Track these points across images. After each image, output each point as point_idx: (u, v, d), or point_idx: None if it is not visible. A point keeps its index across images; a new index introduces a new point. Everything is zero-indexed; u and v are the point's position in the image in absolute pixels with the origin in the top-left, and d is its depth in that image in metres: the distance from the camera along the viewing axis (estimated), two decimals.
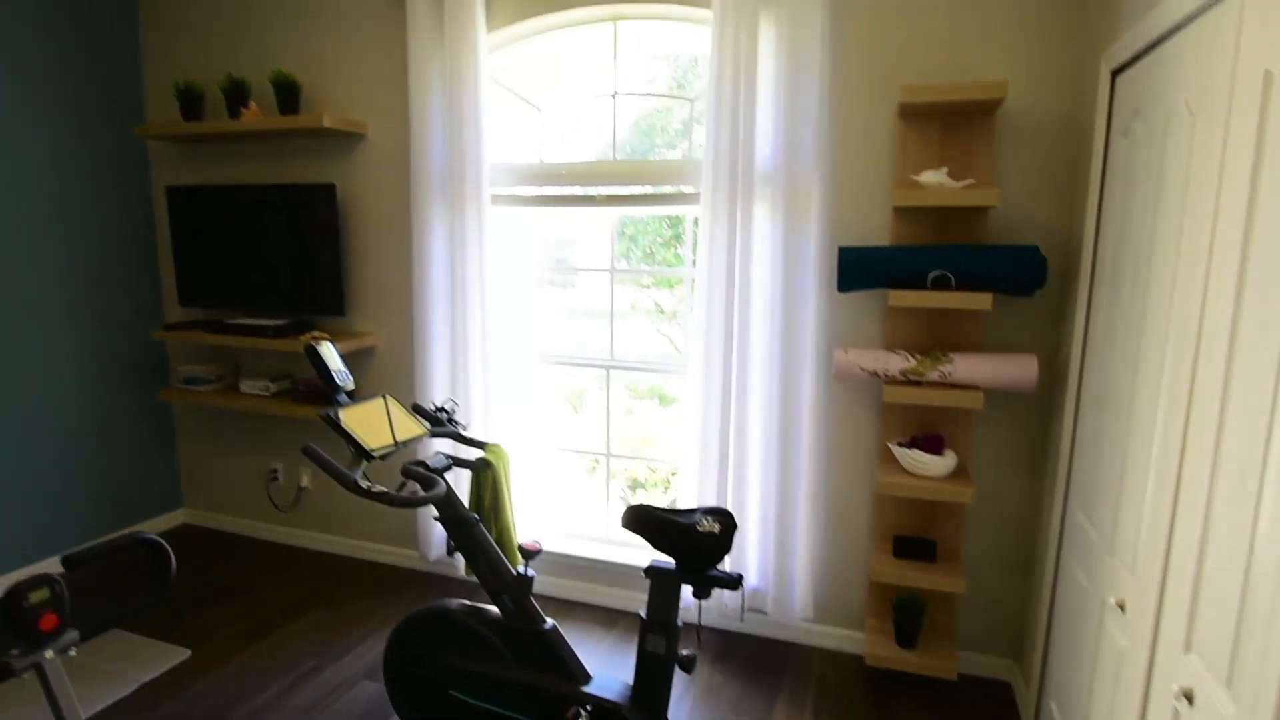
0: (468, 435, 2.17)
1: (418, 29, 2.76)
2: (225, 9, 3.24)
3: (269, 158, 3.25)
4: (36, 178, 3.05)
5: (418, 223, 2.86)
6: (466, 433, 2.78)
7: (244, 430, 3.57)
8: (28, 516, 3.12)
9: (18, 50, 2.96)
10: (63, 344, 3.20)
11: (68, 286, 3.20)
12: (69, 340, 3.22)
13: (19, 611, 1.21)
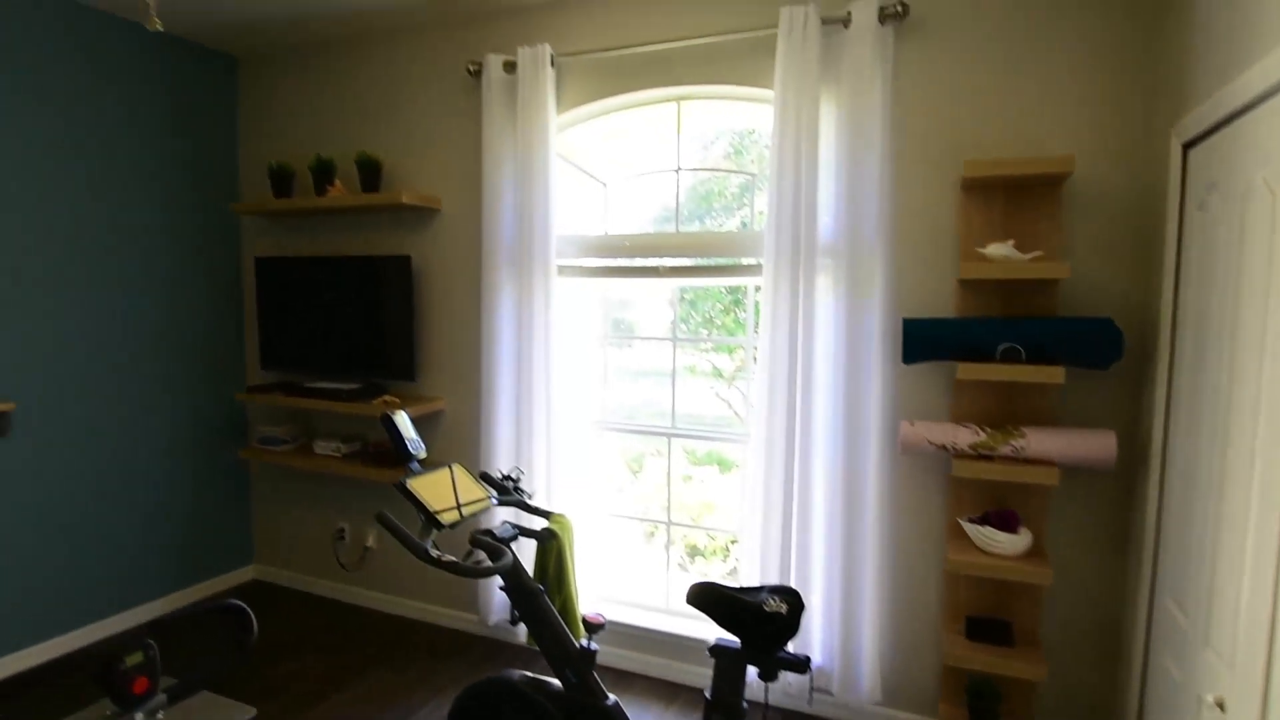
0: (533, 504, 2.21)
1: (492, 112, 2.92)
2: (316, 96, 3.49)
3: (350, 231, 3.45)
4: (142, 247, 3.30)
5: (487, 293, 2.97)
6: (532, 501, 2.82)
7: (315, 490, 3.69)
8: (114, 565, 3.27)
9: (137, 135, 3.25)
10: (156, 402, 3.39)
11: (163, 348, 3.41)
12: (162, 398, 3.42)
13: (116, 675, 1.27)
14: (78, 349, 3.09)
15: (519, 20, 2.99)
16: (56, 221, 3.00)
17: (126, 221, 3.24)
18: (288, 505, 3.79)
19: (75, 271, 3.07)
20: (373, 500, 3.53)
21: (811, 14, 2.42)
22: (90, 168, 3.10)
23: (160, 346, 3.40)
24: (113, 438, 3.24)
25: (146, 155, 3.31)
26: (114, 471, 3.25)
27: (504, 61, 2.91)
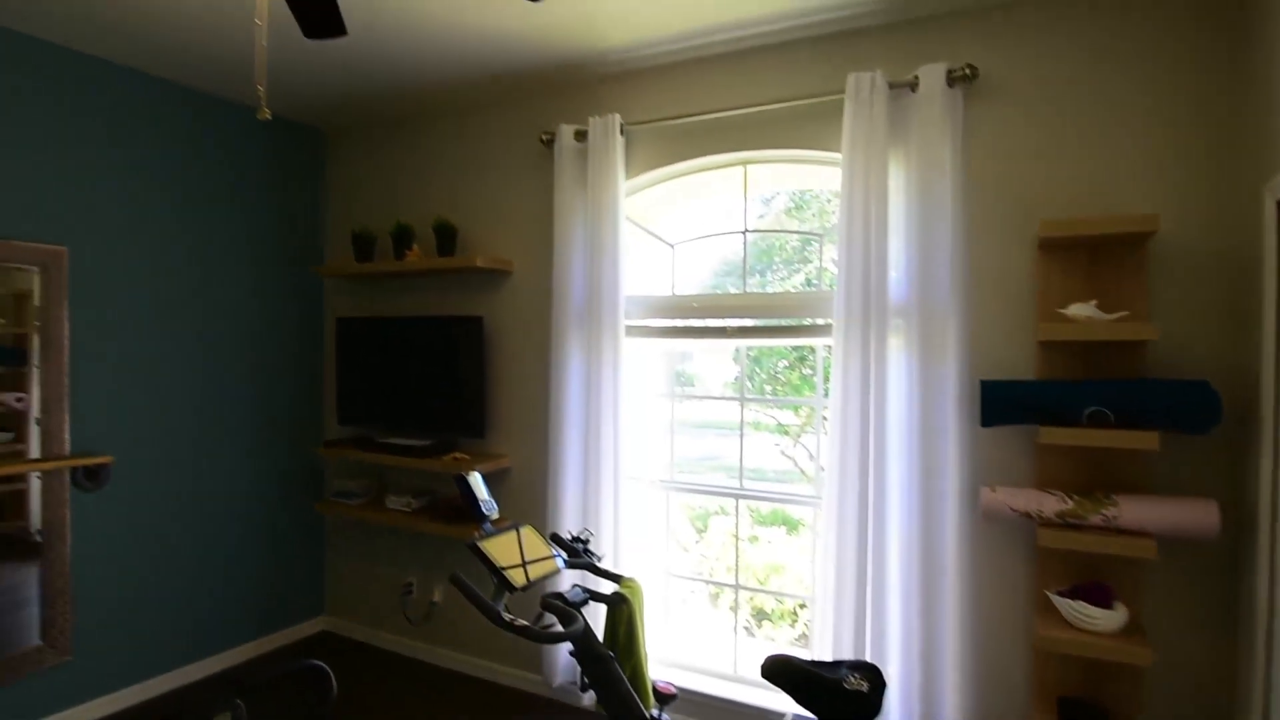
0: (603, 567, 2.20)
1: (563, 178, 3.03)
2: (396, 166, 3.69)
3: (427, 292, 3.58)
4: (232, 309, 3.50)
5: (556, 352, 3.03)
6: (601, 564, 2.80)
7: (385, 543, 3.76)
8: (195, 614, 3.38)
9: (231, 203, 3.48)
10: (240, 455, 3.55)
11: (249, 404, 3.58)
12: (246, 452, 3.57)
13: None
14: (172, 404, 3.27)
15: (590, 92, 3.12)
16: (157, 285, 3.22)
17: (219, 284, 3.45)
18: (359, 558, 3.87)
19: (171, 332, 3.27)
20: (441, 555, 3.57)
21: (878, 79, 2.45)
22: (189, 235, 3.33)
23: (246, 402, 3.57)
24: (199, 489, 3.38)
25: (239, 222, 3.53)
26: (198, 522, 3.39)
27: (575, 131, 3.03)
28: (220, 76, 3.19)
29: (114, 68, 3.05)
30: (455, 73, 3.10)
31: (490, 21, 2.63)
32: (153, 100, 3.18)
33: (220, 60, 3.00)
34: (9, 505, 2.83)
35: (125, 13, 2.59)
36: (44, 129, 2.84)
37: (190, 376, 3.34)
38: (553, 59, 2.94)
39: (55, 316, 2.88)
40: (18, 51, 2.76)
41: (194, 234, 3.34)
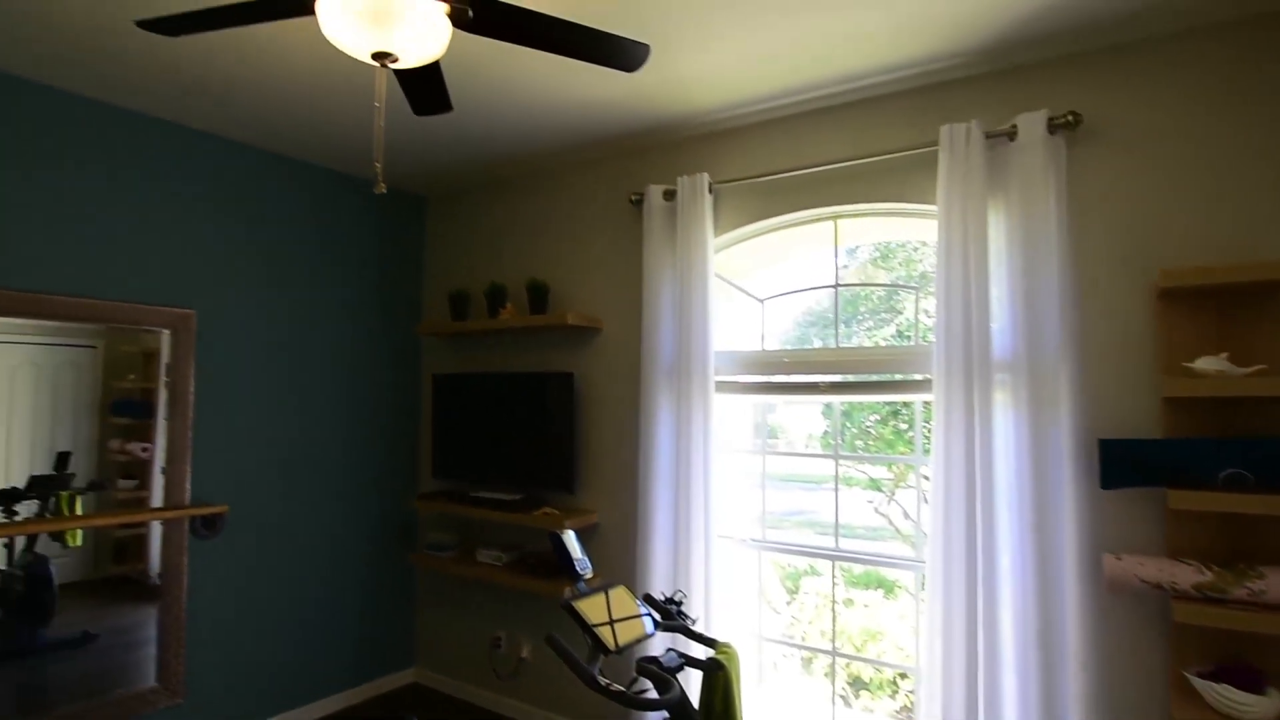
0: (697, 631, 2.14)
1: (652, 237, 3.08)
2: (492, 228, 3.85)
3: (519, 349, 3.68)
4: (335, 366, 3.69)
5: (645, 408, 3.04)
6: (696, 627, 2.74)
7: (475, 597, 3.80)
8: (297, 660, 3.49)
9: (337, 266, 3.71)
10: (341, 507, 3.68)
11: (349, 456, 3.73)
12: (346, 503, 3.71)
13: None
14: (280, 457, 3.45)
15: (678, 152, 3.18)
16: (270, 344, 3.43)
17: (325, 343, 3.65)
18: (449, 610, 3.91)
19: (281, 388, 3.47)
20: (529, 611, 3.57)
21: (974, 129, 2.40)
22: (299, 296, 3.55)
23: (346, 455, 3.73)
24: (302, 539, 3.53)
25: (345, 284, 3.75)
26: (301, 571, 3.52)
27: (664, 190, 3.09)
28: (331, 151, 3.43)
29: (237, 146, 3.33)
30: (548, 140, 3.24)
31: (583, 91, 2.74)
32: (270, 174, 3.45)
33: (331, 137, 3.24)
34: (131, 549, 3.01)
35: (253, 100, 2.83)
36: (180, 204, 3.12)
37: (297, 430, 3.52)
38: (642, 122, 3.03)
39: (182, 374, 3.10)
40: (161, 136, 3.06)
41: (303, 296, 3.56)
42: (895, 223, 2.90)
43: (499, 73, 2.59)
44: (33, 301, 2.70)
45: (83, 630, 2.84)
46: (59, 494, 2.78)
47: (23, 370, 2.69)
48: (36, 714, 2.70)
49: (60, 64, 2.57)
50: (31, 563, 2.72)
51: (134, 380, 3.01)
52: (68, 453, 2.80)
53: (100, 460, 2.89)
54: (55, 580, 2.77)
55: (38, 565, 2.74)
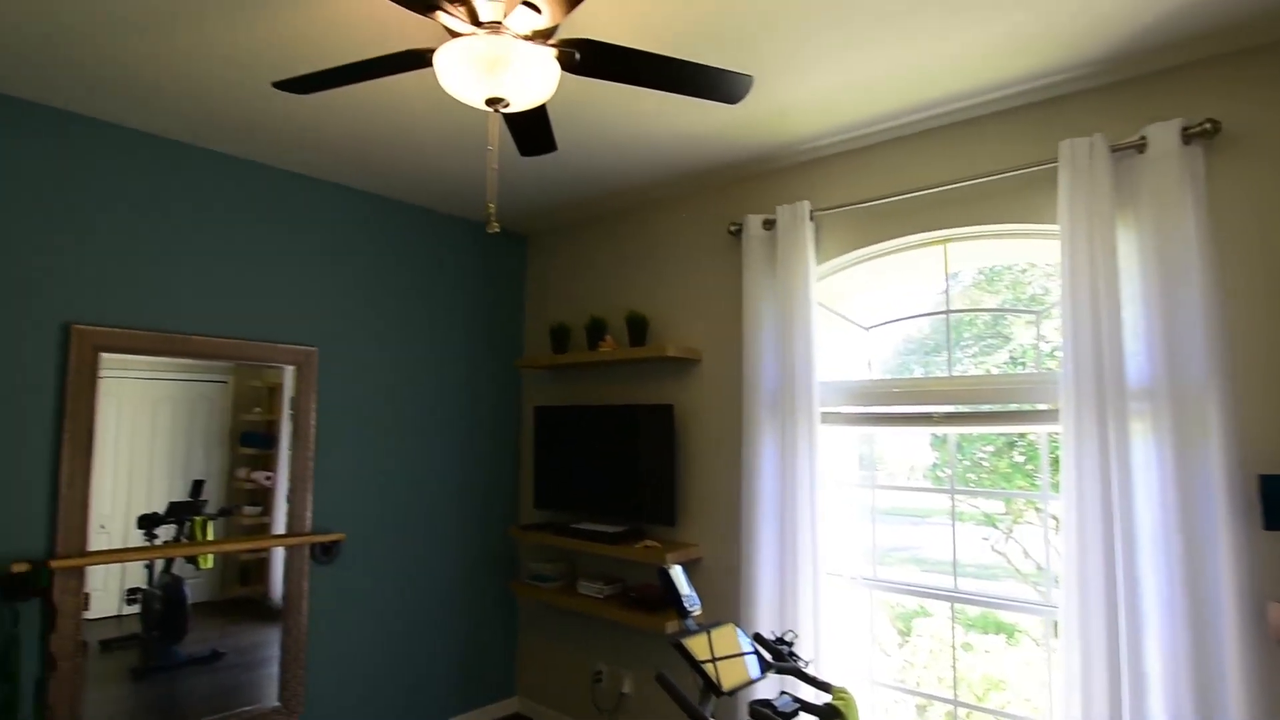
0: (810, 674, 2.05)
1: (752, 268, 3.05)
2: (590, 263, 3.92)
3: (619, 381, 3.71)
4: (442, 400, 3.82)
5: (748, 441, 2.98)
6: (809, 669, 2.64)
7: (576, 628, 3.80)
8: (404, 685, 3.57)
9: (443, 304, 3.86)
10: (446, 535, 3.79)
11: (455, 487, 3.84)
12: (451, 532, 3.81)
13: None
14: (391, 487, 3.58)
15: (777, 181, 3.16)
16: (383, 379, 3.59)
17: (433, 377, 3.79)
18: (550, 641, 3.93)
19: (393, 421, 3.62)
20: (631, 645, 3.54)
21: (1098, 143, 2.27)
22: (409, 333, 3.71)
23: (452, 485, 3.84)
24: (410, 567, 3.64)
25: (451, 321, 3.90)
26: (410, 598, 3.63)
27: (763, 220, 3.06)
28: (439, 195, 3.60)
29: (356, 193, 3.54)
30: (646, 174, 3.28)
31: (681, 125, 2.76)
32: (383, 218, 3.64)
33: (439, 181, 3.39)
34: (255, 572, 3.18)
35: (371, 151, 3.01)
36: (304, 249, 3.34)
37: (406, 461, 3.65)
38: (740, 153, 3.03)
39: (305, 408, 3.28)
40: (288, 188, 3.29)
41: (412, 333, 3.72)
42: (1002, 245, 2.76)
43: (596, 112, 2.65)
44: (180, 342, 2.94)
45: (212, 648, 3.00)
46: (194, 519, 2.97)
47: (163, 404, 2.91)
48: None
49: (204, 125, 2.81)
50: (169, 583, 2.91)
51: (259, 413, 3.20)
52: (202, 480, 3.00)
53: (229, 488, 3.08)
54: (189, 600, 2.96)
55: (174, 586, 2.93)
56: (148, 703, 2.82)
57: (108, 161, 2.80)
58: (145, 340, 2.85)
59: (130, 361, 2.82)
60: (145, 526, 2.84)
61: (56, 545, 2.62)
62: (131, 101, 2.62)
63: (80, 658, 2.65)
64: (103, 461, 2.74)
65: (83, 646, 2.67)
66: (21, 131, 2.61)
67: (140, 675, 2.81)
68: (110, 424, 2.77)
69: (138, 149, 2.87)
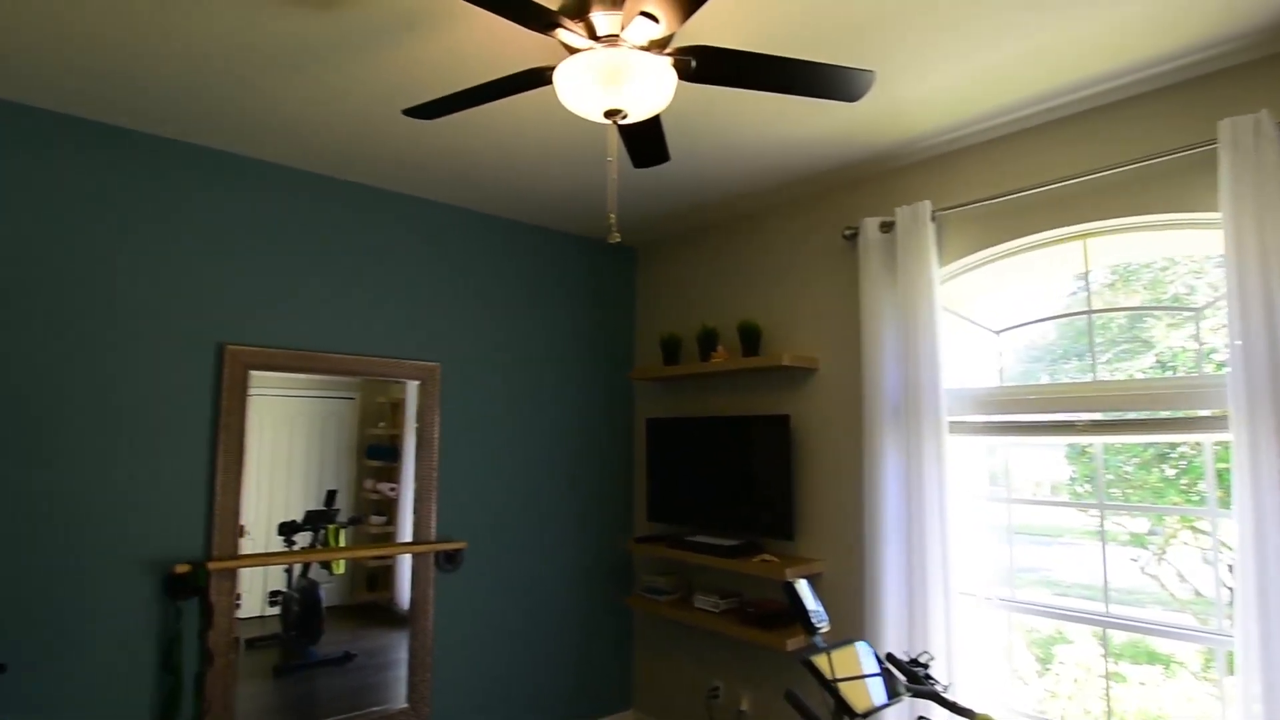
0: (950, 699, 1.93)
1: (869, 273, 2.94)
2: (700, 273, 3.91)
3: (731, 392, 3.67)
4: (555, 413, 3.90)
5: (869, 452, 2.87)
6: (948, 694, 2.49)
7: (692, 642, 3.76)
8: (522, 694, 3.64)
9: (555, 318, 3.95)
10: (560, 546, 3.84)
11: (568, 499, 3.90)
12: (565, 543, 3.86)
13: None
14: (508, 498, 3.67)
15: (894, 181, 3.04)
16: (499, 393, 3.70)
17: (546, 391, 3.87)
18: (666, 654, 3.91)
19: (509, 434, 3.71)
20: (749, 661, 3.46)
21: (1264, 120, 2.05)
22: (524, 348, 3.80)
23: (566, 497, 3.89)
24: (527, 576, 3.71)
25: (563, 335, 3.97)
26: (528, 608, 3.69)
27: (880, 223, 2.95)
28: (551, 213, 3.68)
29: (473, 215, 3.68)
30: (757, 181, 3.24)
31: (793, 129, 2.71)
32: (498, 237, 3.77)
33: (552, 200, 3.47)
34: (380, 578, 3.32)
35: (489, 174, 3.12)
36: (427, 269, 3.49)
37: (524, 473, 3.74)
38: (855, 154, 2.94)
39: (429, 421, 3.42)
40: (412, 211, 3.47)
41: (529, 347, 3.82)
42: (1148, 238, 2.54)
43: (706, 121, 2.64)
44: (317, 359, 3.13)
45: (344, 649, 3.15)
46: (328, 527, 3.14)
47: (298, 419, 3.10)
48: None
49: (338, 158, 3.00)
50: (306, 587, 3.09)
51: (383, 428, 3.35)
52: (335, 490, 3.17)
53: (356, 498, 3.24)
54: (324, 603, 3.12)
55: (310, 589, 3.10)
56: (288, 699, 2.99)
57: (255, 195, 3.03)
58: (287, 358, 3.06)
59: (270, 379, 3.03)
60: (285, 533, 3.03)
61: (212, 548, 2.83)
62: (277, 139, 2.83)
63: (233, 654, 2.85)
64: (248, 472, 2.95)
65: (235, 643, 2.86)
66: (183, 172, 2.87)
67: (281, 673, 2.98)
68: (253, 438, 2.98)
69: (281, 183, 3.10)
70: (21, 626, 2.47)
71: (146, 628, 2.69)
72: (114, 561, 2.64)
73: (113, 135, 2.73)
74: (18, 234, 2.54)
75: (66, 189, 2.63)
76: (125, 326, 2.72)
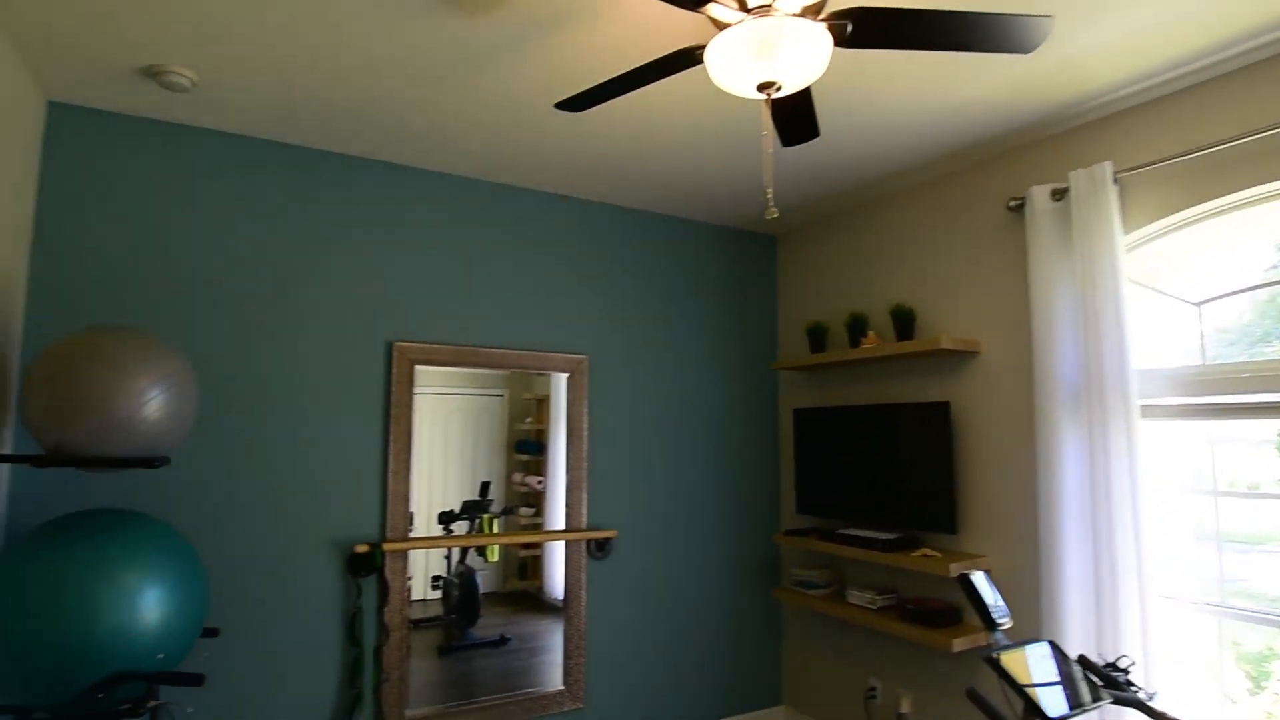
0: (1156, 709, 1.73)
1: (1039, 245, 2.71)
2: (845, 258, 3.77)
3: (883, 379, 3.51)
4: (698, 405, 3.89)
5: (1043, 440, 2.64)
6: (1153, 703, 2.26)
7: (844, 639, 3.63)
8: (670, 682, 3.66)
9: (696, 310, 3.93)
10: (705, 538, 3.83)
11: (712, 491, 3.88)
12: (710, 535, 3.84)
13: None
14: (655, 489, 3.70)
15: (1066, 144, 2.78)
16: (643, 385, 3.74)
17: (689, 383, 3.87)
18: (816, 651, 3.80)
19: (654, 425, 3.74)
20: (908, 661, 3.29)
21: None
22: (666, 339, 3.82)
23: (710, 488, 3.87)
24: (676, 568, 3.72)
25: (704, 327, 3.96)
26: (676, 598, 3.71)
27: (1051, 190, 2.71)
28: (693, 204, 3.68)
29: (618, 210, 3.74)
30: (912, 155, 3.07)
31: (949, 95, 2.54)
32: (640, 230, 3.81)
33: (694, 190, 3.46)
34: (530, 567, 3.44)
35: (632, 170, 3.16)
36: (573, 264, 3.59)
37: (668, 464, 3.76)
38: (1018, 118, 2.72)
39: (577, 413, 3.51)
40: (559, 209, 3.57)
41: (672, 338, 3.83)
42: None
43: (854, 94, 2.53)
44: (473, 354, 3.30)
45: (500, 633, 3.30)
46: (482, 516, 3.30)
47: (454, 415, 3.27)
48: (468, 698, 3.19)
49: (490, 161, 3.14)
50: (463, 573, 3.25)
51: (530, 423, 3.47)
52: (488, 482, 3.32)
53: (507, 491, 3.38)
54: (480, 589, 3.28)
55: (468, 575, 3.26)
56: (451, 676, 3.17)
57: (417, 201, 3.24)
58: (447, 353, 3.24)
59: (429, 378, 3.21)
60: (444, 522, 3.20)
61: (386, 531, 3.05)
62: (434, 148, 3.01)
63: (406, 630, 3.05)
64: (414, 463, 3.15)
65: (408, 621, 3.07)
66: (356, 185, 3.11)
67: (443, 652, 3.16)
68: (417, 432, 3.17)
69: (438, 189, 3.29)
70: (232, 597, 2.76)
71: (333, 602, 2.93)
72: (306, 541, 2.90)
73: (300, 156, 3.01)
74: (224, 248, 2.85)
75: (264, 206, 2.93)
76: (309, 328, 2.98)
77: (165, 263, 2.75)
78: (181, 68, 2.38)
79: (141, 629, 1.87)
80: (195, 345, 2.77)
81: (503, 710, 3.23)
